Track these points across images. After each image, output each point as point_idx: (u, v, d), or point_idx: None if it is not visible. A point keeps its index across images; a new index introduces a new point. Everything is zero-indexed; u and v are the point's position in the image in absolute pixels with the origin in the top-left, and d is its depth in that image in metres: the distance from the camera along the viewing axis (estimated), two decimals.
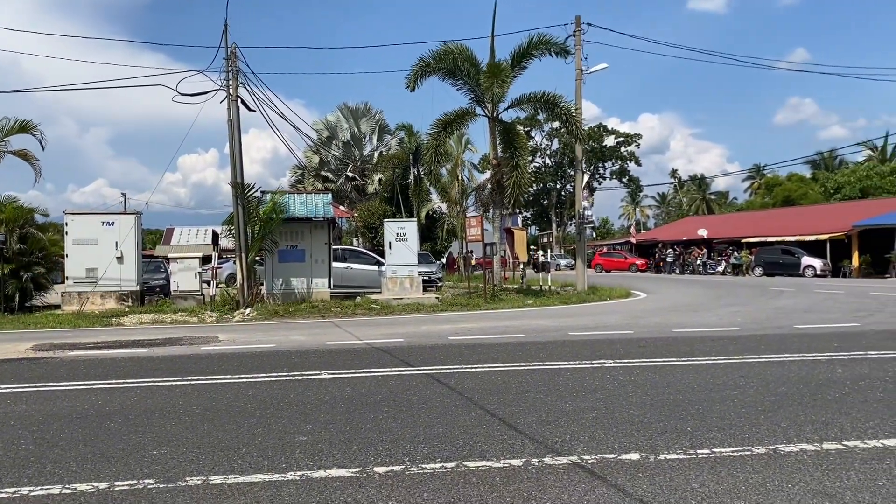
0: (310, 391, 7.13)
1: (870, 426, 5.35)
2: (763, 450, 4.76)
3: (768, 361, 8.53)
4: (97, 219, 19.25)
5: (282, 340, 11.71)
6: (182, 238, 48.00)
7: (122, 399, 6.95)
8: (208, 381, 7.85)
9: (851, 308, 16.15)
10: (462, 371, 8.15)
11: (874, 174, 51.95)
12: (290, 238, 19.78)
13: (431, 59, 21.52)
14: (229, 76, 18.16)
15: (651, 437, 5.11)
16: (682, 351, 9.50)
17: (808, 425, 5.39)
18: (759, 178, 70.23)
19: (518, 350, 9.89)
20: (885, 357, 8.76)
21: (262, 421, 5.87)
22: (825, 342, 10.24)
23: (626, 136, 66.07)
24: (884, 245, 36.72)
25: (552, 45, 21.90)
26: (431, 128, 22.50)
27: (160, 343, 11.60)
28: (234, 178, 18.31)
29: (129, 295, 18.81)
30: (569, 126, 23.21)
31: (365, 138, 49.35)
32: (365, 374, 8.12)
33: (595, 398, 6.48)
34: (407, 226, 20.42)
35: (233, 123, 18.28)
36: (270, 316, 16.40)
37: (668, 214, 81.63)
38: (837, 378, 7.33)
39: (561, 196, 65.58)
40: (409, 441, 5.14)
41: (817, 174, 60.85)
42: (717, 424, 5.45)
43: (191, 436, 5.44)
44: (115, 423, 5.90)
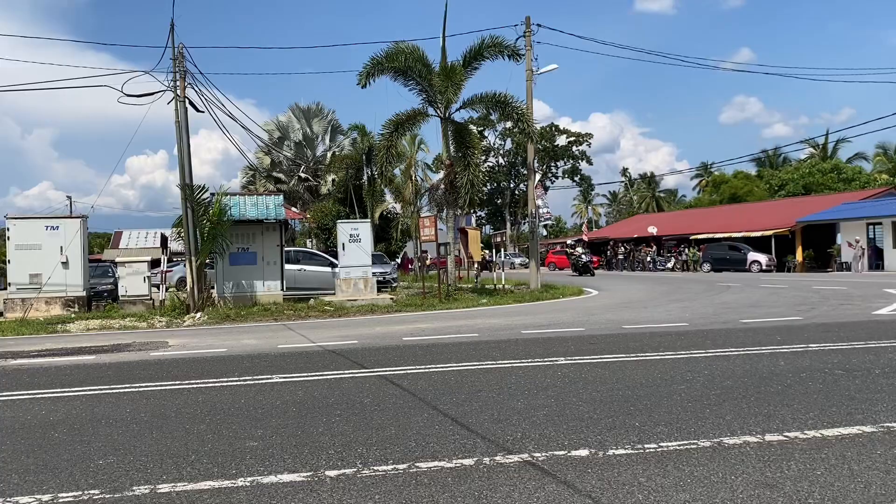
0: (261, 396, 7.06)
1: (810, 417, 5.52)
2: (708, 443, 4.88)
3: (714, 356, 8.73)
4: (41, 223, 18.75)
5: (233, 345, 11.57)
6: (131, 241, 46.92)
7: (67, 408, 6.79)
8: (157, 388, 7.71)
9: (794, 302, 16.63)
10: (416, 372, 8.16)
11: (816, 171, 53.56)
12: (241, 240, 19.54)
13: (383, 58, 21.49)
14: (177, 76, 17.85)
15: (600, 433, 5.19)
16: (631, 347, 9.67)
17: (752, 418, 5.54)
18: (707, 175, 71.76)
19: (472, 349, 9.94)
20: (825, 349, 9.04)
21: (212, 427, 5.79)
22: (769, 336, 10.53)
23: (578, 136, 66.87)
24: (826, 240, 37.91)
25: (504, 47, 22.05)
26: (384, 128, 22.49)
27: (108, 350, 11.36)
28: (183, 179, 18.01)
29: (75, 301, 18.35)
30: (521, 126, 23.43)
31: (317, 139, 49.02)
32: (318, 377, 8.08)
33: (547, 396, 6.56)
34: (360, 227, 20.35)
35: (181, 125, 17.97)
36: (222, 320, 16.17)
37: (619, 212, 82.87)
38: (780, 371, 7.54)
39: (515, 195, 66.04)
40: (361, 444, 5.13)
41: (762, 172, 62.46)
42: (665, 419, 5.57)
43: (138, 444, 5.35)
44: (59, 433, 5.76)
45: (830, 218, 37.60)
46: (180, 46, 17.98)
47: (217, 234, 18.04)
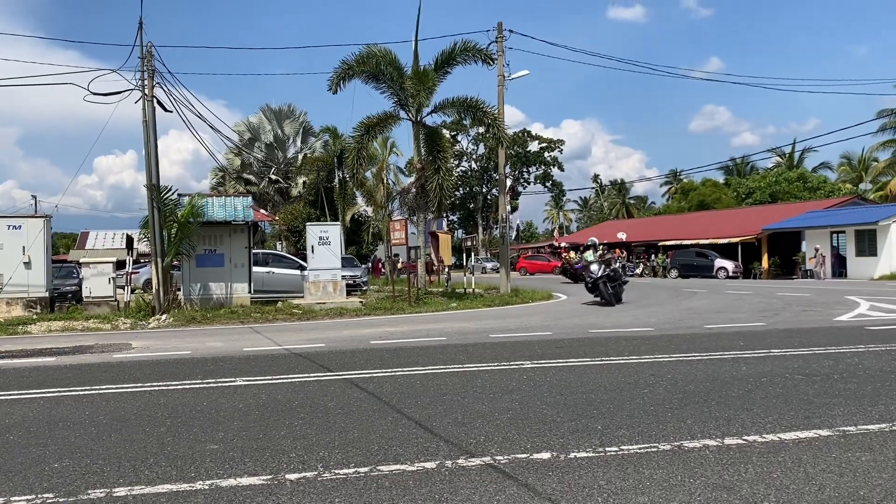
0: (223, 398, 6.98)
1: (769, 421, 5.60)
2: (668, 446, 4.92)
3: (678, 360, 8.82)
4: (2, 222, 18.36)
5: (198, 347, 11.43)
6: (98, 242, 46.11)
7: (24, 410, 6.66)
8: (118, 390, 7.59)
9: (759, 308, 16.87)
10: (381, 375, 8.13)
11: (783, 180, 54.47)
12: (208, 242, 19.33)
13: (355, 62, 21.43)
14: (144, 75, 17.63)
15: (563, 437, 5.22)
16: (597, 351, 9.73)
17: (712, 421, 5.60)
18: (676, 183, 72.60)
19: (439, 353, 9.93)
20: (786, 354, 9.18)
21: (172, 430, 5.71)
22: (732, 341, 10.66)
23: (550, 142, 67.21)
24: (791, 247, 38.55)
25: (476, 52, 22.13)
26: (355, 130, 22.43)
27: (69, 351, 11.16)
28: (150, 180, 17.78)
29: (37, 301, 18.01)
30: (492, 131, 23.50)
31: (288, 140, 48.76)
32: (282, 380, 8.01)
33: (511, 399, 6.58)
34: (330, 229, 20.25)
35: (148, 124, 17.75)
36: (188, 322, 15.98)
37: (589, 218, 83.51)
38: (742, 375, 7.64)
39: (487, 200, 66.19)
40: (323, 447, 5.09)
41: (730, 180, 63.32)
42: (627, 423, 5.61)
43: (96, 447, 5.26)
44: (14, 436, 5.64)
45: (796, 226, 38.24)
46: (149, 45, 17.79)
47: (184, 235, 17.84)
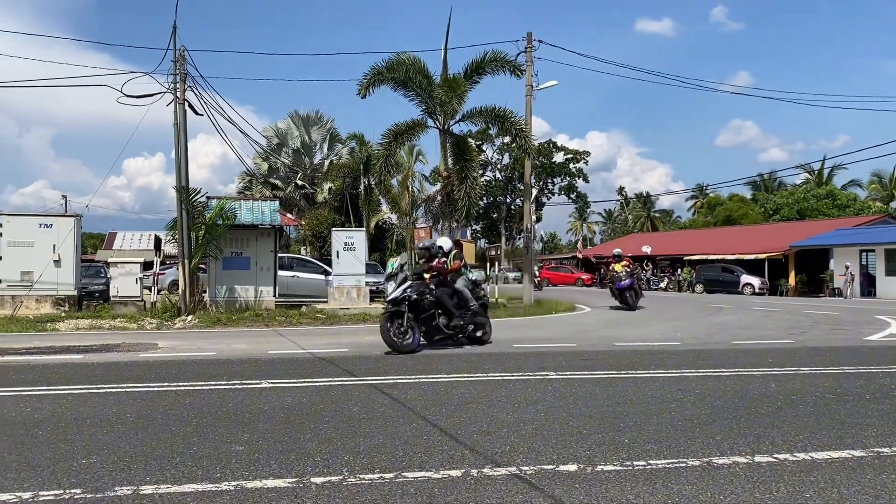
0: (249, 400, 7.00)
1: (800, 440, 5.50)
2: (697, 462, 4.85)
3: (705, 376, 8.71)
4: (34, 221, 18.67)
5: (223, 349, 11.50)
6: (125, 243, 46.74)
7: (52, 406, 6.73)
8: (144, 389, 7.65)
9: (787, 325, 16.64)
10: (405, 381, 8.12)
11: (811, 196, 53.85)
12: (235, 245, 19.48)
13: (384, 68, 21.55)
14: (177, 79, 17.85)
15: (589, 449, 5.16)
16: (623, 364, 9.64)
17: (742, 438, 5.51)
18: (702, 197, 72.03)
19: (462, 361, 9.90)
20: (816, 373, 9.03)
21: (199, 430, 5.74)
22: (761, 358, 10.52)
23: (575, 153, 67.01)
24: (819, 265, 38.05)
25: (506, 62, 22.14)
26: (383, 138, 22.52)
27: (96, 349, 11.27)
28: (179, 182, 17.98)
29: (66, 299, 18.26)
30: (519, 141, 23.49)
31: (315, 146, 49.10)
32: (307, 383, 8.02)
33: (536, 410, 6.53)
34: (355, 235, 20.33)
35: (179, 127, 17.96)
36: (213, 324, 16.09)
37: (613, 231, 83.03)
38: (771, 393, 7.52)
39: (511, 210, 66.10)
40: (348, 451, 5.08)
41: (757, 195, 62.72)
42: (654, 437, 5.53)
43: (123, 444, 5.29)
44: (43, 431, 5.70)
45: (824, 243, 37.75)
46: (182, 49, 18.01)
47: (212, 237, 17.99)
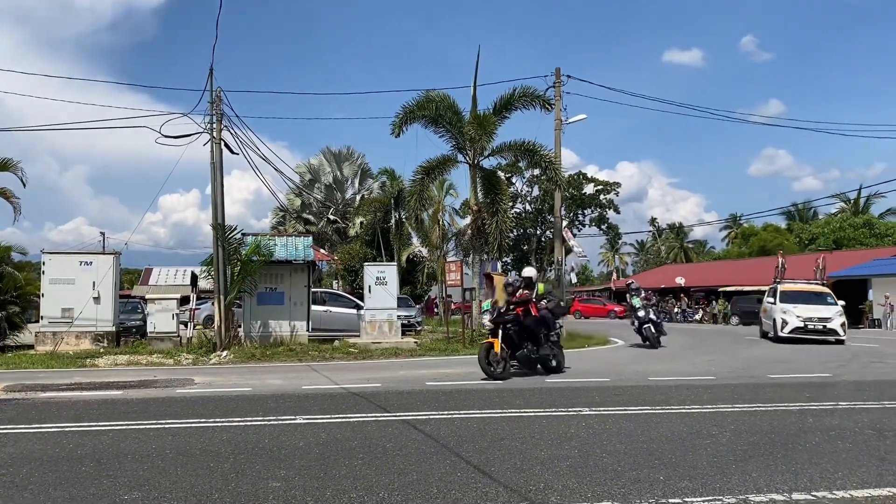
0: (284, 436, 7.10)
1: (839, 476, 5.43)
2: (734, 499, 4.82)
3: (741, 411, 8.62)
4: (75, 258, 19.13)
5: (258, 384, 11.63)
6: (160, 278, 47.53)
7: (94, 442, 6.89)
8: (182, 425, 7.79)
9: (824, 358, 16.33)
10: (438, 417, 8.15)
11: (847, 226, 52.99)
12: (269, 280, 19.73)
13: (414, 107, 21.86)
14: (213, 119, 18.31)
15: (624, 486, 5.15)
16: (657, 399, 9.57)
17: (779, 475, 5.46)
18: (736, 227, 71.27)
19: (495, 397, 9.90)
20: (854, 408, 8.88)
21: (236, 466, 5.84)
22: (797, 392, 10.36)
23: (606, 184, 66.89)
24: (857, 295, 37.25)
25: (535, 98, 22.33)
26: (414, 174, 22.76)
27: (135, 385, 11.48)
28: (216, 219, 18.33)
29: (104, 335, 18.60)
30: (549, 174, 23.60)
31: (347, 182, 49.67)
32: (341, 419, 8.10)
33: (570, 446, 6.52)
34: (387, 269, 20.47)
35: (215, 166, 18.37)
36: (247, 359, 16.28)
37: (646, 262, 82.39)
38: (808, 428, 7.42)
39: (541, 242, 65.99)
40: (383, 488, 5.14)
41: (792, 225, 61.91)
42: (689, 473, 5.51)
43: (163, 480, 5.41)
44: (86, 467, 5.84)
45: (862, 273, 37.06)
46: (218, 90, 18.48)
47: (247, 273, 18.27)
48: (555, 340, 13.11)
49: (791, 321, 21.28)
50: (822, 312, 21.40)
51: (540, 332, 12.60)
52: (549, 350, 12.75)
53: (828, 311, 21.47)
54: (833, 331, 21.10)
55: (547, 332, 12.82)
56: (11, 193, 21.04)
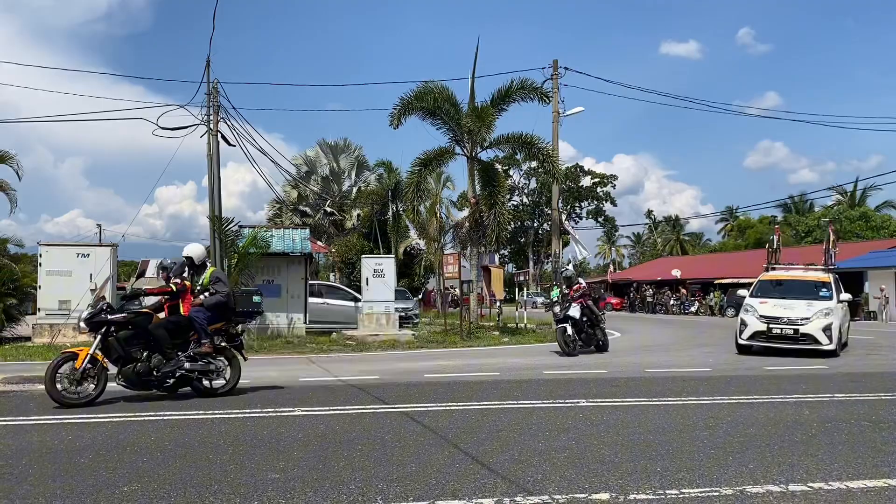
0: (283, 428, 7.11)
1: (834, 468, 5.46)
2: (730, 491, 4.85)
3: (738, 402, 8.66)
4: (72, 250, 19.07)
5: (256, 376, 11.60)
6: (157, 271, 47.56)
7: (92, 434, 6.89)
8: (180, 417, 7.79)
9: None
10: (437, 409, 8.17)
11: (844, 219, 53.09)
12: (266, 273, 19.73)
13: (412, 98, 21.84)
14: (210, 111, 18.27)
15: (621, 478, 5.18)
16: (654, 391, 9.61)
17: (775, 466, 5.49)
18: (732, 220, 71.38)
19: (493, 389, 9.93)
20: (851, 400, 8.93)
21: (235, 458, 5.85)
22: (794, 384, 10.41)
23: (603, 177, 66.93)
24: (853, 288, 37.33)
25: (533, 90, 22.35)
26: (412, 166, 22.77)
27: None
28: (213, 211, 18.32)
29: None
30: (546, 166, 23.61)
31: (344, 174, 49.57)
32: (339, 411, 8.12)
33: (568, 438, 6.55)
34: (385, 262, 20.48)
35: (212, 158, 18.34)
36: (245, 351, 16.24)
37: (642, 254, 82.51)
38: (805, 420, 7.46)
39: (538, 235, 66.07)
40: (381, 479, 5.16)
41: (788, 217, 62.01)
42: (687, 465, 5.53)
43: (162, 472, 5.42)
44: (85, 459, 5.85)
45: (858, 266, 37.16)
46: (215, 82, 18.45)
47: (244, 265, 18.26)
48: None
49: (750, 323, 15.22)
50: (798, 311, 15.00)
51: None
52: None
53: (807, 309, 14.99)
54: (809, 337, 14.66)
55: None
56: (8, 186, 21.01)
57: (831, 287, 16.06)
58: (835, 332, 14.62)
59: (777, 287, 16.61)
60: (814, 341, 14.58)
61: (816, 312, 14.84)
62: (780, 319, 14.92)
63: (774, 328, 14.88)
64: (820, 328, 14.59)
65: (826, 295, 15.76)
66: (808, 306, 15.04)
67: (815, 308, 14.97)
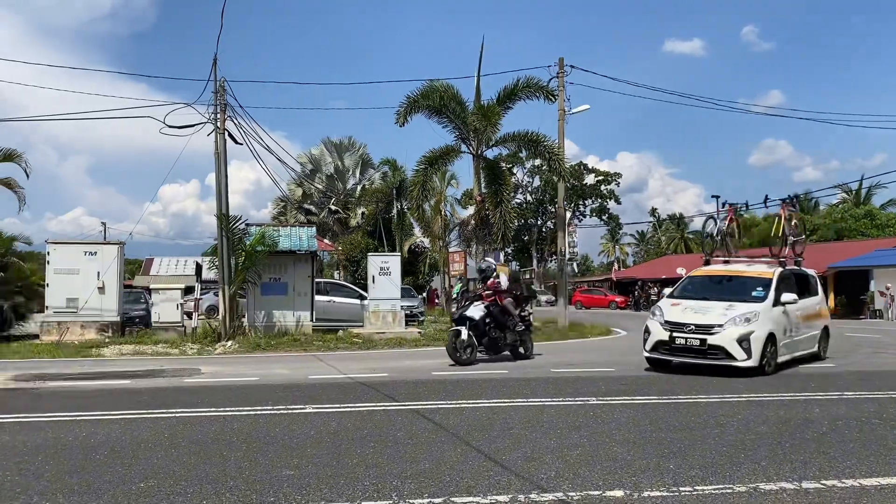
0: (295, 425, 7.15)
1: (847, 465, 5.48)
2: (744, 488, 4.87)
3: (748, 401, 8.68)
4: (80, 248, 19.13)
5: (265, 374, 11.69)
6: (162, 268, 47.64)
7: (106, 431, 6.94)
8: (193, 414, 7.84)
9: (828, 349, 16.35)
10: (447, 407, 8.21)
11: (849, 217, 52.95)
12: (273, 271, 19.74)
13: (418, 96, 21.90)
14: (217, 109, 18.29)
15: (635, 475, 5.20)
16: (663, 389, 9.63)
17: (787, 464, 5.51)
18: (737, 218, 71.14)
19: (501, 386, 9.96)
20: (860, 398, 8.94)
21: (249, 454, 5.89)
22: (803, 382, 10.42)
23: (606, 175, 66.83)
24: (859, 286, 37.32)
25: (539, 88, 22.38)
26: (418, 164, 22.82)
27: (142, 375, 11.53)
28: (220, 210, 18.34)
29: (109, 325, 18.63)
30: (552, 165, 23.62)
31: (348, 172, 49.63)
32: (350, 408, 8.16)
33: (580, 435, 6.58)
34: (391, 260, 20.51)
35: (220, 156, 18.35)
36: (252, 349, 16.33)
37: (646, 252, 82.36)
38: (815, 418, 7.48)
39: (542, 232, 66.04)
40: (395, 476, 5.19)
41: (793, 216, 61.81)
42: (699, 462, 5.56)
43: (178, 469, 5.46)
44: (101, 455, 5.89)
45: (864, 264, 37.09)
46: (222, 80, 18.45)
47: (251, 263, 18.29)
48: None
49: (653, 331, 11.77)
50: (711, 316, 11.42)
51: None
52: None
53: (723, 314, 11.35)
54: (719, 350, 11.03)
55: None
56: (16, 183, 21.11)
57: (769, 286, 12.07)
58: (757, 343, 10.98)
59: (705, 285, 13.12)
60: (725, 355, 10.95)
61: (733, 318, 11.18)
62: (686, 327, 11.36)
63: (678, 337, 11.30)
64: (734, 338, 10.95)
65: (759, 295, 11.93)
66: (727, 310, 11.42)
67: (735, 312, 11.31)
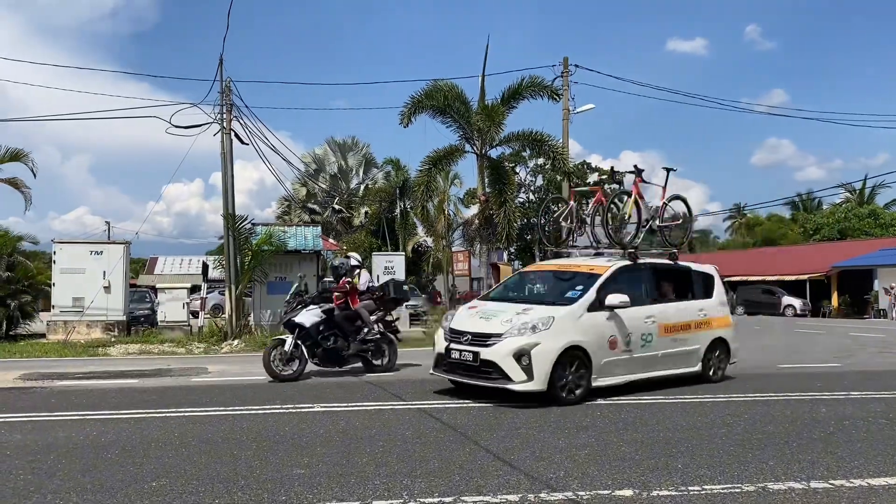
0: (304, 424, 7.19)
1: (855, 465, 5.51)
2: (752, 487, 4.90)
3: (754, 400, 8.70)
4: (86, 248, 19.21)
5: None
6: (166, 268, 47.76)
7: (117, 430, 6.98)
8: (203, 413, 7.88)
9: (832, 348, 16.40)
10: (455, 406, 8.24)
11: (852, 216, 52.85)
12: (279, 270, 19.80)
13: (422, 96, 21.88)
14: (223, 109, 18.33)
15: (643, 474, 5.23)
16: (668, 389, 9.62)
17: (795, 464, 5.54)
18: (740, 217, 71.12)
19: None
20: (866, 398, 8.96)
21: (259, 453, 5.93)
22: (809, 382, 10.43)
23: (610, 174, 66.83)
24: (862, 285, 37.29)
25: (543, 87, 22.36)
26: (422, 165, 22.80)
27: (149, 374, 11.57)
28: (227, 209, 18.39)
29: (115, 325, 18.72)
30: (556, 164, 23.62)
31: (352, 171, 49.66)
32: (358, 407, 8.19)
33: (588, 435, 6.61)
34: (395, 259, 20.61)
35: (226, 156, 18.40)
36: (258, 348, 16.30)
37: None
38: (822, 418, 7.50)
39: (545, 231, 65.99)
40: (405, 475, 5.22)
41: (796, 215, 61.74)
42: (707, 462, 5.59)
43: (188, 467, 5.50)
44: (112, 454, 5.93)
45: (867, 264, 37.04)
46: (228, 81, 18.50)
47: (257, 263, 18.34)
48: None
49: (437, 342, 9.32)
50: (494, 323, 8.64)
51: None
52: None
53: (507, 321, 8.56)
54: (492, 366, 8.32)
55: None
56: (23, 183, 21.19)
57: (593, 285, 9.01)
58: (541, 359, 8.14)
59: (530, 283, 10.89)
60: (500, 375, 8.27)
61: (516, 326, 8.40)
62: (462, 337, 8.78)
63: (454, 350, 8.80)
64: (509, 353, 8.21)
65: (572, 297, 9.02)
66: (519, 314, 8.67)
67: (524, 318, 8.50)
